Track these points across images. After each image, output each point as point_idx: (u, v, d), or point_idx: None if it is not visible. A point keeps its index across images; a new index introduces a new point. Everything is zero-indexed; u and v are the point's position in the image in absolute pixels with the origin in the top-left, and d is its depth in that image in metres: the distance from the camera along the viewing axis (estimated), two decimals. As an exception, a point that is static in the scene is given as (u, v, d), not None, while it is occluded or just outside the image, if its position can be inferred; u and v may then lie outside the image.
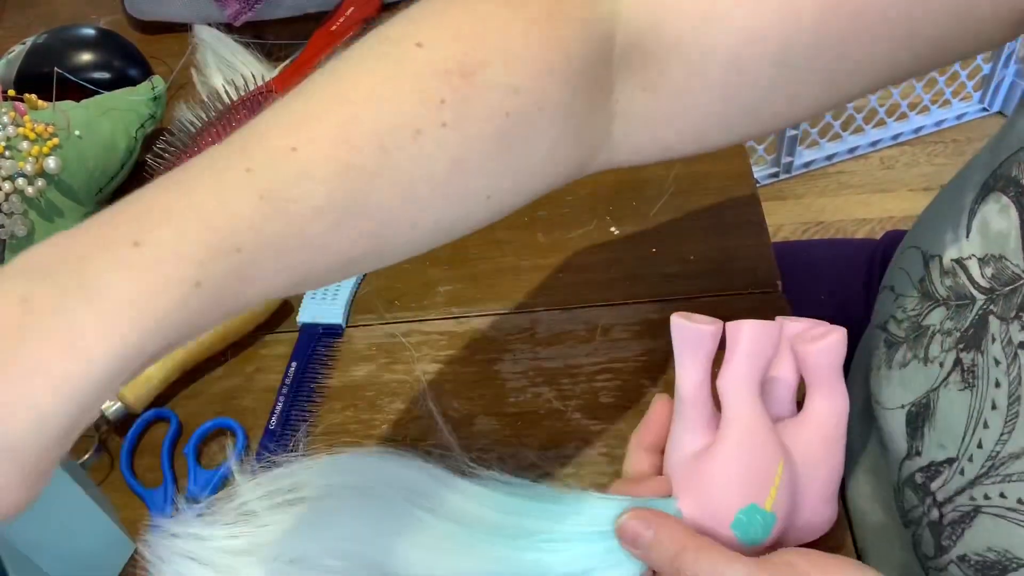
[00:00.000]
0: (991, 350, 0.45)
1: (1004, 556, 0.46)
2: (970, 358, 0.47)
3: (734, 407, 0.43)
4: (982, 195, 0.46)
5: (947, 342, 0.49)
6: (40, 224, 0.60)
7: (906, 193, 1.70)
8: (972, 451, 0.47)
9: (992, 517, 0.46)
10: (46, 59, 0.73)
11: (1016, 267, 0.44)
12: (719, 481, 0.42)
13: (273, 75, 0.75)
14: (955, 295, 0.48)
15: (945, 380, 0.49)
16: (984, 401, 0.46)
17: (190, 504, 0.50)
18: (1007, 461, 0.45)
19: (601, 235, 0.64)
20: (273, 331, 0.62)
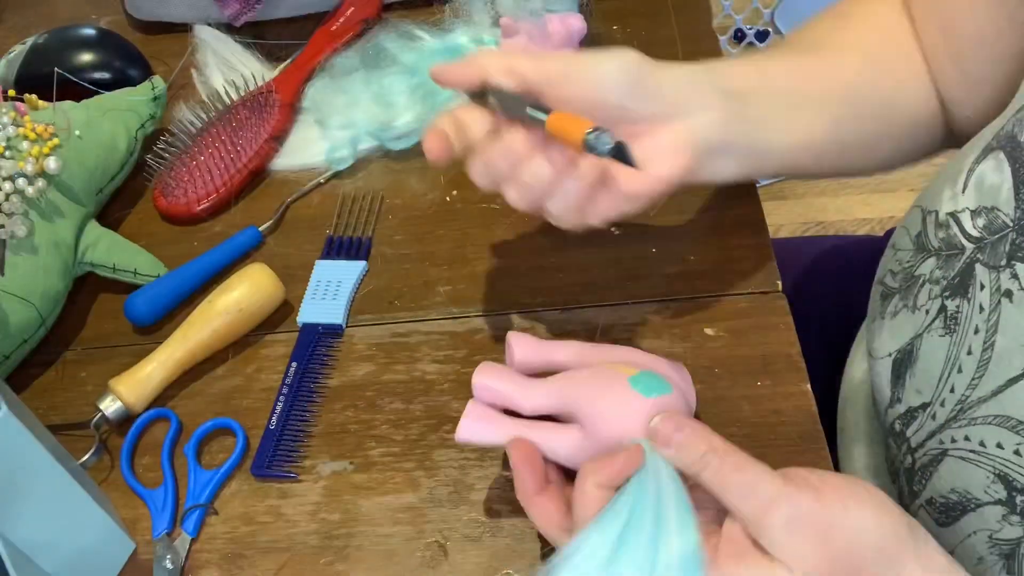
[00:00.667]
0: (978, 297, 0.47)
1: (964, 496, 0.48)
2: (954, 305, 0.49)
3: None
4: (983, 156, 0.49)
5: (934, 290, 0.51)
6: (40, 224, 0.60)
7: (906, 193, 1.71)
8: (945, 396, 0.49)
9: (956, 460, 0.48)
10: (46, 59, 0.73)
11: (1006, 216, 0.46)
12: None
13: (273, 75, 0.75)
14: (946, 245, 0.51)
15: (929, 326, 0.51)
16: (961, 347, 0.48)
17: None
18: (975, 405, 0.47)
19: (601, 235, 0.64)
20: (273, 331, 0.62)
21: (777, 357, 0.56)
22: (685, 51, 0.74)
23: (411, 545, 0.52)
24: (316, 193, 0.70)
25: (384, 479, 0.54)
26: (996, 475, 0.46)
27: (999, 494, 0.46)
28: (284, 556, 0.52)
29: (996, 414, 0.46)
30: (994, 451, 0.46)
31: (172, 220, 0.69)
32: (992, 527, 0.47)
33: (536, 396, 0.49)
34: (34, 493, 0.47)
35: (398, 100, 0.70)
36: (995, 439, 0.46)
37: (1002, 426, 0.46)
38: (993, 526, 0.46)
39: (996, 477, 0.46)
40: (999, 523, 0.46)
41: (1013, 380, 0.45)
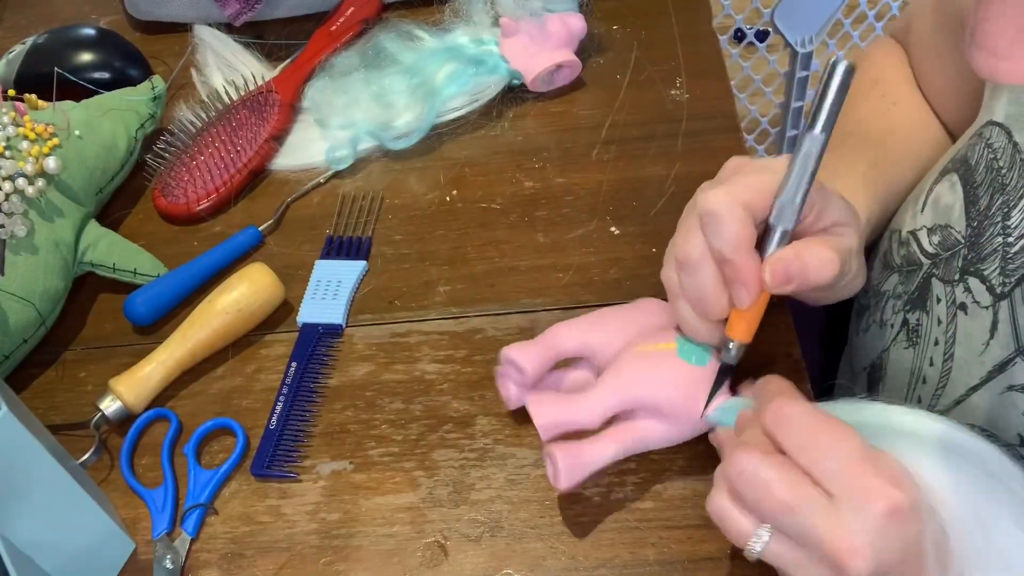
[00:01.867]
0: (935, 310, 0.49)
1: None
2: (915, 318, 0.51)
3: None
4: (940, 177, 0.52)
5: (897, 304, 0.53)
6: (40, 224, 0.60)
7: (906, 193, 1.70)
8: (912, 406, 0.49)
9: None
10: (46, 59, 0.73)
11: (959, 233, 0.48)
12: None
13: (273, 75, 0.75)
14: (907, 262, 0.53)
15: (895, 339, 0.53)
16: (924, 359, 0.50)
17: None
18: (941, 414, 0.47)
19: (601, 235, 0.64)
20: (273, 331, 0.62)
21: (777, 357, 0.56)
22: (685, 51, 0.74)
23: (411, 545, 0.52)
24: (316, 193, 0.70)
25: (384, 479, 0.54)
26: None
27: None
28: (284, 556, 0.52)
29: (960, 422, 0.46)
30: None
31: (172, 220, 0.69)
32: None
33: (597, 409, 0.49)
34: (34, 493, 0.47)
35: (398, 100, 0.70)
36: None
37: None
38: None
39: None
40: None
41: (973, 388, 0.47)
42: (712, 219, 0.43)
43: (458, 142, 0.71)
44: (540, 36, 0.71)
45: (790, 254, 0.44)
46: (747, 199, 0.44)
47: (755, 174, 0.45)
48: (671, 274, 0.48)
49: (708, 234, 0.44)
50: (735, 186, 0.44)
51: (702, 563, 0.49)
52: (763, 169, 0.45)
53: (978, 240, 0.46)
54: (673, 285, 0.48)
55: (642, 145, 0.69)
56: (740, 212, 0.43)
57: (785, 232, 0.45)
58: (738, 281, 0.45)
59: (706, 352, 0.50)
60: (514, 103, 0.73)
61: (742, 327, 0.48)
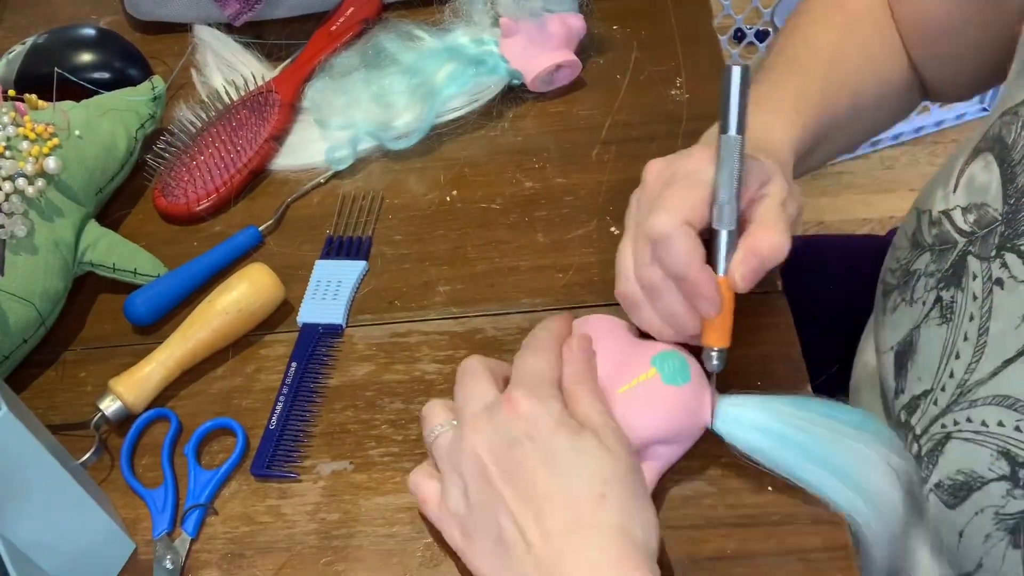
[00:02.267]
0: (971, 286, 0.49)
1: (971, 476, 0.49)
2: (949, 295, 0.52)
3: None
4: (972, 157, 0.52)
5: (930, 283, 0.54)
6: (40, 224, 0.60)
7: (907, 193, 1.70)
8: (945, 381, 0.51)
9: (960, 441, 0.50)
10: (46, 59, 0.73)
11: (995, 211, 0.49)
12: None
13: (273, 75, 0.75)
14: (939, 241, 0.53)
15: (926, 317, 0.53)
16: (958, 333, 0.50)
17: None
18: (974, 387, 0.49)
19: (601, 235, 0.64)
20: (273, 331, 0.62)
21: (777, 357, 0.56)
22: (685, 51, 0.74)
23: (411, 545, 0.52)
24: (316, 193, 0.70)
25: (384, 479, 0.54)
26: (1000, 452, 0.47)
27: (1003, 470, 0.47)
28: (284, 556, 0.52)
29: (995, 394, 0.48)
30: (996, 429, 0.47)
31: (172, 220, 0.69)
32: (997, 503, 0.48)
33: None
34: (34, 493, 0.47)
35: (398, 100, 0.70)
36: (996, 418, 0.47)
37: (1001, 405, 0.47)
38: (998, 502, 0.48)
39: (1000, 454, 0.47)
40: (1004, 498, 0.47)
41: (1009, 361, 0.47)
42: (663, 244, 0.46)
43: (458, 142, 0.71)
44: (540, 36, 0.71)
45: (746, 255, 0.47)
46: (688, 217, 0.46)
47: (687, 189, 0.47)
48: (631, 288, 0.50)
49: (662, 258, 0.47)
50: (673, 205, 0.46)
51: (702, 563, 0.49)
52: (690, 180, 0.47)
53: (1015, 216, 0.47)
54: (637, 298, 0.50)
55: (642, 145, 0.69)
56: (686, 230, 0.46)
57: (730, 232, 0.47)
58: (698, 296, 0.47)
59: (687, 365, 0.50)
60: (514, 103, 0.73)
61: (717, 334, 0.49)
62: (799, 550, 0.48)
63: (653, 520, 0.45)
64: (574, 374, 0.49)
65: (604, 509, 0.43)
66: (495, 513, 0.44)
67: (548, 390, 0.47)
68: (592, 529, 0.42)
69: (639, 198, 0.50)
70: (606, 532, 0.42)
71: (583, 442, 0.45)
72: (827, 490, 0.46)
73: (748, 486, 0.51)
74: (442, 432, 0.49)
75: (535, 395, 0.46)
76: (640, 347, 0.51)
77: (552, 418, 0.45)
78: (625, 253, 0.50)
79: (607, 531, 0.43)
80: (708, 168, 0.47)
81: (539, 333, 0.51)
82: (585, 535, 0.42)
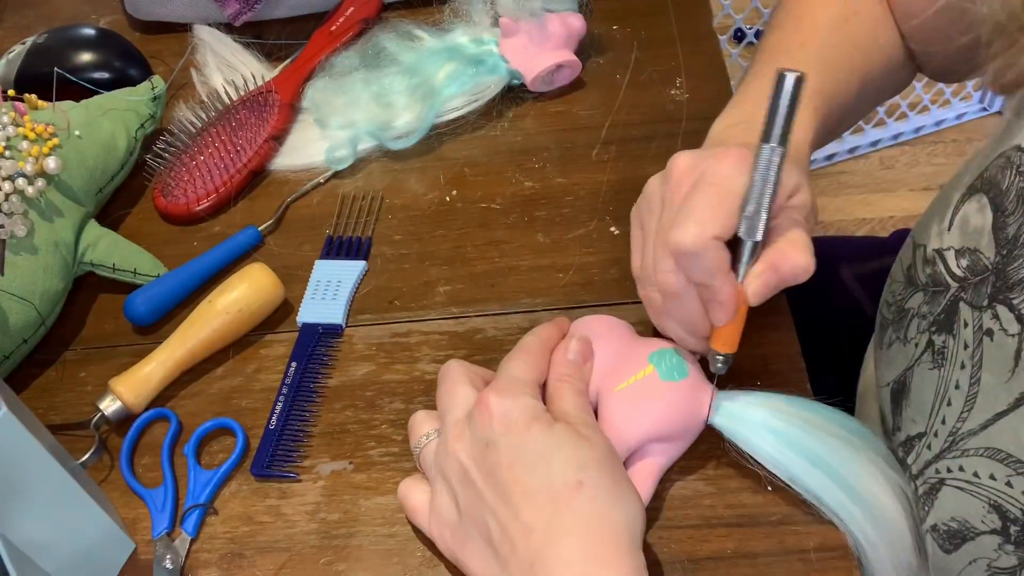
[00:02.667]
0: (962, 334, 0.49)
1: (964, 525, 0.49)
2: (941, 340, 0.51)
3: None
4: (968, 195, 0.50)
5: (922, 324, 0.53)
6: (40, 224, 0.60)
7: (906, 193, 1.70)
8: (937, 427, 0.51)
9: (953, 489, 0.49)
10: (46, 59, 0.73)
11: (987, 260, 0.47)
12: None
13: (273, 75, 0.75)
14: (933, 282, 0.52)
15: (919, 359, 0.53)
16: (950, 380, 0.50)
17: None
18: (965, 437, 0.48)
19: (601, 235, 0.64)
20: (273, 331, 0.62)
21: (777, 357, 0.56)
22: (685, 51, 0.74)
23: (411, 545, 0.52)
24: (316, 193, 0.70)
25: (384, 479, 0.54)
26: (991, 505, 0.47)
27: (994, 524, 0.47)
28: (284, 556, 0.52)
29: (986, 446, 0.47)
30: (987, 482, 0.47)
31: (172, 220, 0.69)
32: (990, 556, 0.48)
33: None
34: (34, 493, 0.47)
35: (398, 100, 0.70)
36: (988, 471, 0.47)
37: (993, 458, 0.47)
38: (991, 555, 0.48)
39: (991, 507, 0.47)
40: (996, 552, 0.47)
41: (1000, 415, 0.46)
42: (690, 257, 0.45)
43: (458, 142, 0.71)
44: (540, 36, 0.71)
45: (766, 270, 0.46)
46: (717, 231, 0.44)
47: (718, 199, 0.45)
48: (652, 294, 0.50)
49: (687, 268, 0.46)
50: (703, 217, 0.45)
51: (702, 563, 0.49)
52: (721, 188, 0.45)
53: (1005, 268, 0.46)
54: (656, 304, 0.50)
55: (642, 145, 0.69)
56: (714, 244, 0.44)
57: (755, 244, 0.45)
58: (715, 302, 0.46)
59: (684, 362, 0.50)
60: (514, 103, 0.73)
61: (725, 340, 0.48)
62: (799, 550, 0.49)
63: (633, 501, 0.45)
64: (558, 373, 0.49)
65: (581, 497, 0.43)
66: (482, 516, 0.45)
67: (521, 388, 0.47)
68: (571, 520, 0.42)
69: (664, 195, 0.48)
70: (585, 522, 0.42)
71: (556, 433, 0.45)
72: (824, 494, 0.46)
73: (748, 486, 0.51)
74: (428, 442, 0.50)
75: (507, 394, 0.46)
76: (637, 345, 0.51)
77: (526, 414, 0.45)
78: (647, 255, 0.49)
79: (586, 521, 0.42)
80: (740, 176, 0.45)
81: (527, 338, 0.51)
82: (564, 527, 0.42)
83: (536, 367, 0.49)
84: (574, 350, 0.50)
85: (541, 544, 0.42)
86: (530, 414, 0.45)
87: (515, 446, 0.44)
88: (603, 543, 0.42)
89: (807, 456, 0.46)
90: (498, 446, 0.45)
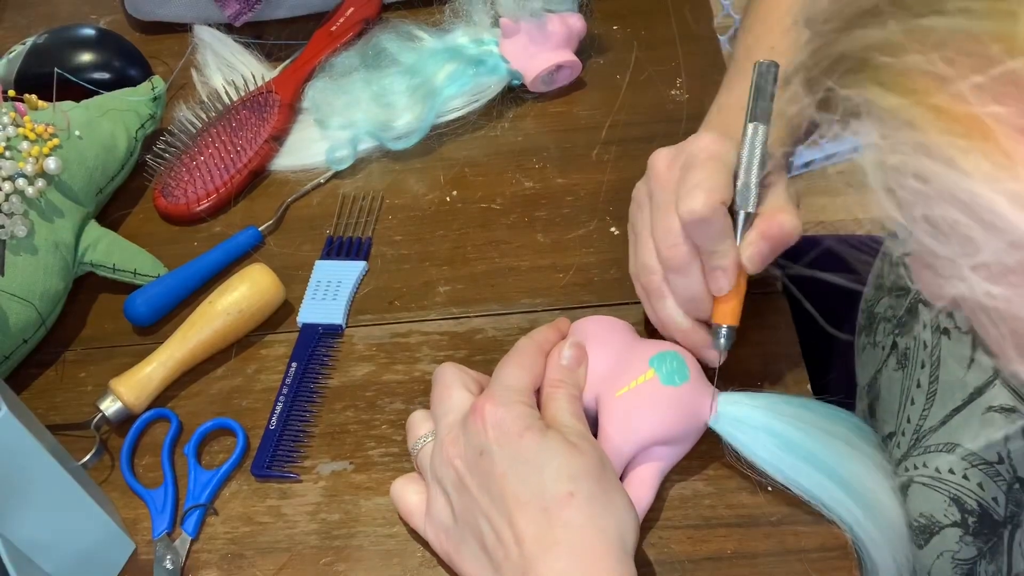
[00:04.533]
0: (922, 335, 0.51)
1: (930, 520, 0.51)
2: (904, 342, 0.53)
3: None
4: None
5: (888, 327, 0.55)
6: (40, 224, 0.60)
7: (906, 193, 1.71)
8: (904, 426, 0.52)
9: (920, 486, 0.51)
10: (46, 59, 0.73)
11: None
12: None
13: (273, 75, 0.75)
14: (896, 286, 0.54)
15: (885, 361, 0.55)
16: (912, 380, 0.52)
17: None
18: (927, 434, 0.50)
19: (601, 235, 0.64)
20: (273, 331, 0.62)
21: (777, 357, 0.56)
22: (685, 51, 0.74)
23: (411, 545, 0.52)
24: (316, 193, 0.70)
25: (384, 479, 0.54)
26: (951, 499, 0.49)
27: (955, 516, 0.49)
28: (284, 556, 0.52)
29: (945, 442, 0.49)
30: (947, 476, 0.49)
31: (172, 220, 0.69)
32: (953, 548, 0.50)
33: (615, 467, 0.50)
34: (34, 493, 0.47)
35: (398, 100, 0.70)
36: (947, 465, 0.49)
37: (951, 452, 0.49)
38: (954, 547, 0.49)
39: (951, 500, 0.49)
40: (957, 544, 0.49)
41: (956, 410, 0.48)
42: (702, 223, 0.46)
43: (458, 142, 0.71)
44: (540, 36, 0.71)
45: (758, 237, 0.48)
46: (724, 196, 0.47)
47: (715, 171, 0.48)
48: (651, 278, 0.50)
49: (697, 236, 0.47)
50: (709, 185, 0.47)
51: (702, 563, 0.49)
52: (716, 162, 0.48)
53: None
54: (654, 288, 0.50)
55: (642, 145, 0.69)
56: (722, 210, 0.47)
57: (748, 214, 0.48)
58: (719, 269, 0.48)
59: (685, 365, 0.50)
60: (514, 103, 0.73)
61: (729, 310, 0.49)
62: (799, 550, 0.49)
63: (624, 509, 0.45)
64: (552, 380, 0.50)
65: (572, 507, 0.43)
66: (476, 522, 0.45)
67: (515, 396, 0.47)
68: (562, 530, 0.43)
69: (651, 189, 0.50)
70: (576, 532, 0.43)
71: (549, 442, 0.45)
72: (824, 495, 0.46)
73: (748, 486, 0.51)
74: (425, 444, 0.50)
75: (501, 403, 0.46)
76: (638, 348, 0.51)
77: (519, 422, 0.45)
78: (647, 245, 0.50)
79: (577, 531, 0.43)
80: (729, 151, 0.48)
81: (522, 342, 0.52)
82: (556, 537, 0.43)
83: (531, 372, 0.49)
84: (567, 356, 0.51)
85: (533, 554, 0.43)
86: (523, 423, 0.45)
87: (508, 455, 0.45)
88: (593, 553, 0.42)
89: (807, 458, 0.47)
90: (492, 454, 0.45)
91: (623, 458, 0.49)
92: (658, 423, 0.49)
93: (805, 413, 0.48)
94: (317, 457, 0.56)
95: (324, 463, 0.56)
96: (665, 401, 0.49)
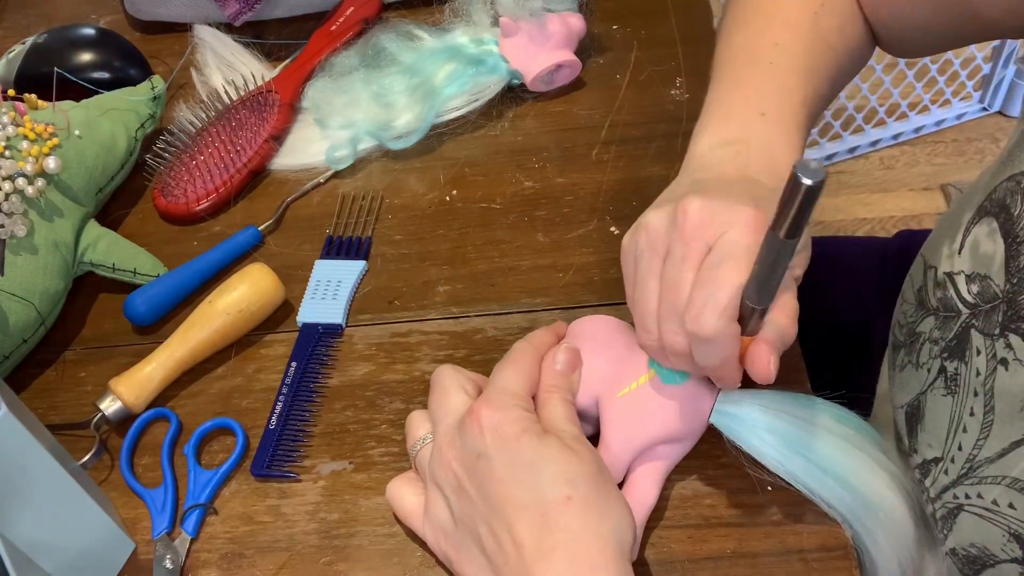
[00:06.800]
0: (975, 361, 0.48)
1: (984, 552, 0.49)
2: (953, 366, 0.50)
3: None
4: (978, 216, 0.50)
5: (934, 350, 0.52)
6: (40, 224, 0.60)
7: (906, 193, 1.70)
8: (954, 452, 0.50)
9: (972, 516, 0.49)
10: (46, 59, 0.73)
11: (998, 287, 0.47)
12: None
13: (273, 75, 0.75)
14: (944, 307, 0.52)
15: (932, 384, 0.52)
16: (964, 407, 0.49)
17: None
18: (983, 465, 0.48)
19: (601, 235, 0.64)
20: (273, 331, 0.62)
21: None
22: (685, 51, 0.74)
23: (411, 545, 0.52)
24: (316, 193, 0.70)
25: (384, 479, 0.54)
26: (1010, 534, 0.47)
27: (1015, 553, 0.47)
28: (284, 556, 0.52)
29: (1004, 475, 0.47)
30: (1006, 511, 0.47)
31: (172, 220, 0.69)
32: None
33: (618, 468, 0.50)
34: (34, 493, 0.47)
35: (398, 100, 0.70)
36: (1006, 499, 0.47)
37: (1011, 487, 0.46)
38: None
39: (1011, 536, 0.47)
40: None
41: (1017, 443, 0.46)
42: (709, 344, 0.43)
43: (458, 142, 0.72)
44: (540, 36, 0.71)
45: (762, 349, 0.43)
46: (736, 312, 0.42)
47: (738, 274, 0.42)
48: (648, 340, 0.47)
49: (701, 355, 0.44)
50: (725, 304, 0.42)
51: (702, 563, 0.49)
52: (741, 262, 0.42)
53: (1016, 297, 0.45)
54: (651, 346, 0.47)
55: (642, 145, 0.69)
56: (734, 331, 0.42)
57: (764, 310, 0.43)
58: (717, 377, 0.46)
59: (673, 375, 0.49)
60: (514, 103, 0.73)
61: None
62: (799, 550, 0.49)
63: (621, 513, 0.45)
64: (546, 384, 0.50)
65: (570, 512, 0.43)
66: (475, 526, 0.45)
67: (512, 400, 0.47)
68: (560, 535, 0.43)
69: (671, 243, 0.45)
70: (573, 537, 0.43)
71: (546, 446, 0.45)
72: (824, 492, 0.46)
73: (748, 486, 0.51)
74: (424, 445, 0.50)
75: (497, 406, 0.46)
76: (638, 348, 0.51)
77: (515, 426, 0.45)
78: (650, 300, 0.46)
79: (574, 535, 0.43)
80: (757, 243, 0.41)
81: (519, 345, 0.51)
82: (554, 542, 0.43)
83: (527, 376, 0.49)
84: (561, 360, 0.51)
85: (532, 559, 0.43)
86: (520, 427, 0.45)
87: (505, 459, 0.45)
88: (591, 557, 0.42)
89: (808, 455, 0.46)
90: (489, 458, 0.45)
91: (626, 459, 0.49)
92: (660, 423, 0.49)
93: (805, 411, 0.48)
94: (317, 457, 0.56)
95: (324, 463, 0.56)
96: (667, 400, 0.49)
